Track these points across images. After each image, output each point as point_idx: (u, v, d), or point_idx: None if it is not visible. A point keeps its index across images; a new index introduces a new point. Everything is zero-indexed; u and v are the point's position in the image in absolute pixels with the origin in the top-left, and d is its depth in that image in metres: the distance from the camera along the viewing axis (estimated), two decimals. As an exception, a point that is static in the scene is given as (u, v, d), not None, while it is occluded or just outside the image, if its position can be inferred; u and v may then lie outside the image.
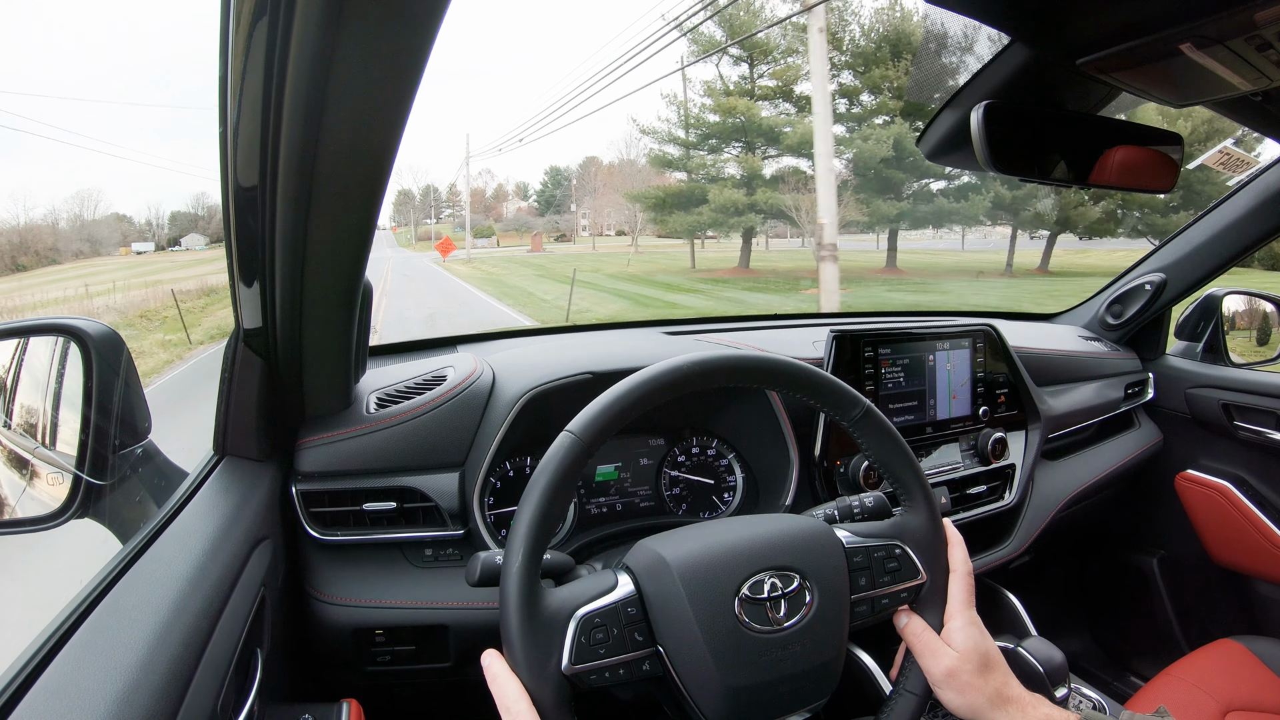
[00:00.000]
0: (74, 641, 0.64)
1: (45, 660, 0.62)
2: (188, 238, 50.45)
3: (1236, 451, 1.88)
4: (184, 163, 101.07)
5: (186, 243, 49.73)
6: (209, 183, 71.59)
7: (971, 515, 1.49)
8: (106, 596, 0.71)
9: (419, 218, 68.78)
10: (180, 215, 57.39)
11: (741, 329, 1.80)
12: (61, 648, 0.63)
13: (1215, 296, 1.97)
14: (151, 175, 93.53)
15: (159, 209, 66.69)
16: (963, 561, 0.85)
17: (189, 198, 73.10)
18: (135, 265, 42.90)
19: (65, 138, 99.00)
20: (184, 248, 49.15)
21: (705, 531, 0.80)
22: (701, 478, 1.37)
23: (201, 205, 57.32)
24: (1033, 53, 0.96)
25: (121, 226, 53.19)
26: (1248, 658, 1.44)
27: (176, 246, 49.07)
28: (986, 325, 1.59)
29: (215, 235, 48.17)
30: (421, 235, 64.82)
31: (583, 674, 0.69)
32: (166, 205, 79.28)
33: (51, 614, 0.69)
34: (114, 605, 0.70)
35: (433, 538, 1.11)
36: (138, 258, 48.13)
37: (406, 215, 70.05)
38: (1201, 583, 1.99)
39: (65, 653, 0.63)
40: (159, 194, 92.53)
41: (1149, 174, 1.09)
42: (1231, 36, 0.82)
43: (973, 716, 0.78)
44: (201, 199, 63.08)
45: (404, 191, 68.27)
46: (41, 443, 1.04)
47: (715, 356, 0.80)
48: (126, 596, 0.72)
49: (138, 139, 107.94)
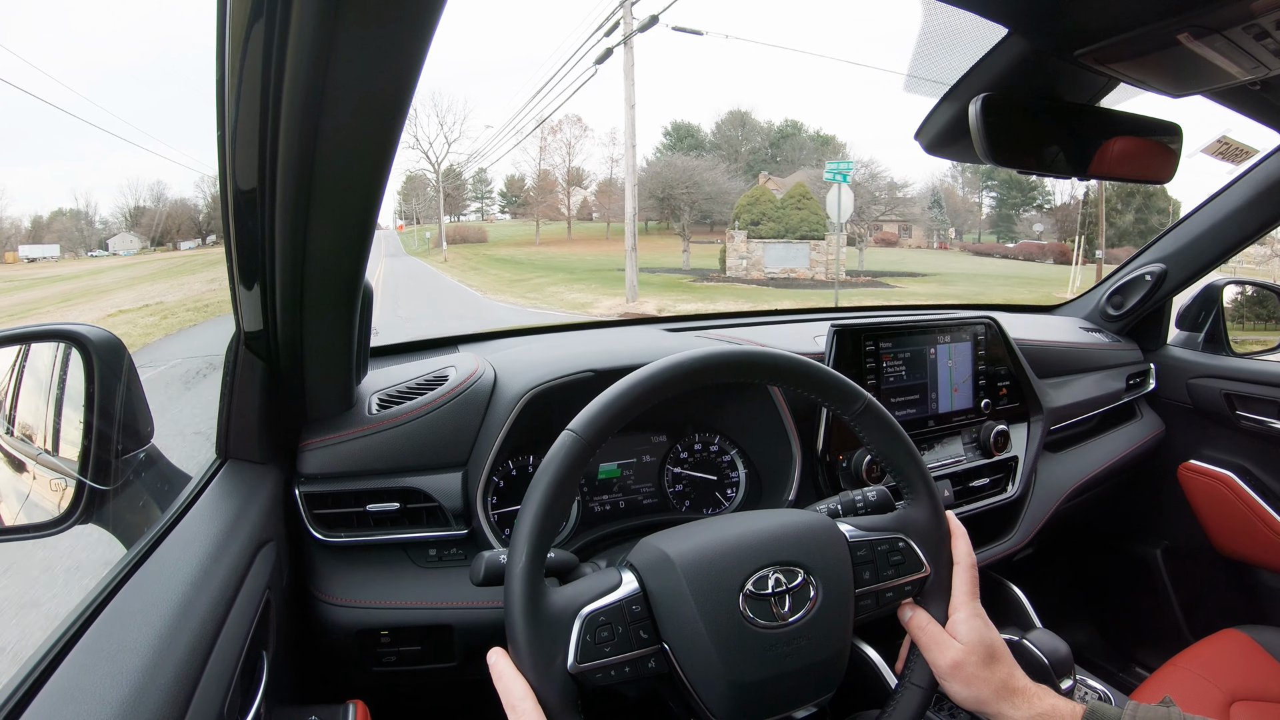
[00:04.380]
0: (80, 646, 0.65)
1: (52, 665, 0.62)
2: (116, 239, 37.68)
3: (1239, 441, 1.87)
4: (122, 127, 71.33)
5: (115, 245, 37.03)
6: (162, 162, 53.24)
7: (974, 508, 1.49)
8: (111, 601, 0.71)
9: (434, 208, 47.68)
10: (144, 211, 40.24)
11: (742, 324, 1.80)
12: (67, 653, 0.63)
13: (1216, 286, 1.97)
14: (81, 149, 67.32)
15: (90, 199, 49.06)
16: (966, 554, 0.85)
17: (129, 183, 54.60)
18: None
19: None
20: (110, 251, 36.36)
21: (708, 528, 0.80)
22: (704, 474, 1.37)
23: (140, 192, 40.78)
24: (1030, 44, 0.96)
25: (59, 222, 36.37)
26: (1252, 647, 1.44)
27: (98, 251, 36.45)
28: (987, 318, 1.59)
29: (156, 233, 37.43)
30: (453, 234, 43.39)
31: (588, 672, 0.69)
32: (100, 196, 58.83)
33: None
34: (119, 610, 0.70)
35: (436, 538, 1.11)
36: (27, 268, 32.67)
37: (419, 206, 49.79)
38: (1205, 573, 1.99)
39: (71, 658, 0.63)
40: (93, 178, 68.94)
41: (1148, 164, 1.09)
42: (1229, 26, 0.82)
43: (978, 708, 0.78)
44: (137, 184, 46.08)
45: (412, 177, 48.64)
46: (44, 449, 1.04)
47: (716, 352, 0.80)
48: (131, 601, 0.72)
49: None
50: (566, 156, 45.06)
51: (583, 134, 45.72)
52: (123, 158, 61.61)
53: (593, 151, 70.48)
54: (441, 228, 43.63)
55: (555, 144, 44.29)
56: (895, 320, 1.49)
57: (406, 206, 50.82)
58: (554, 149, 44.92)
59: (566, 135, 44.05)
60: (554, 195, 45.28)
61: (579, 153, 49.42)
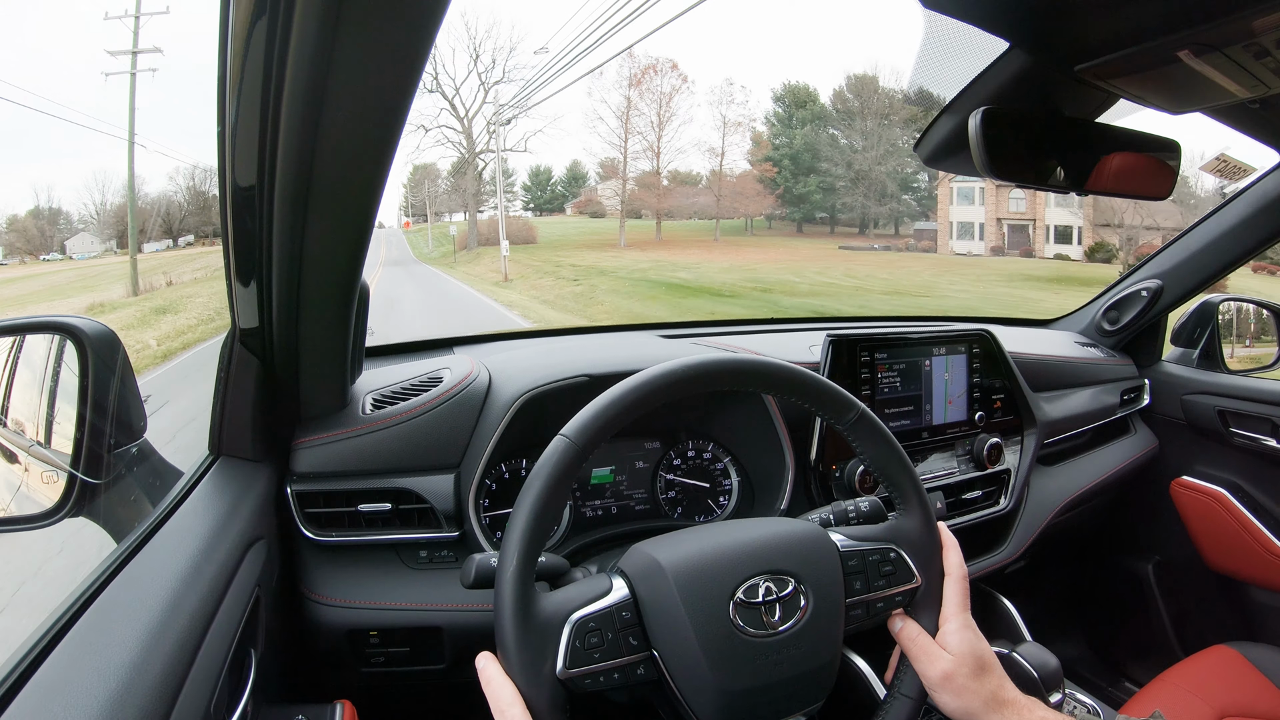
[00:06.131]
0: (67, 640, 0.64)
1: (39, 659, 0.61)
2: (74, 239, 31.97)
3: (1232, 458, 1.88)
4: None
5: (72, 247, 31.41)
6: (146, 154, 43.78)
7: (967, 520, 1.49)
8: (100, 595, 0.71)
9: (448, 201, 35.01)
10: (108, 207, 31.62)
11: (738, 333, 1.80)
12: (55, 646, 0.63)
13: (1211, 303, 1.97)
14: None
15: (50, 194, 38.72)
16: (958, 565, 0.85)
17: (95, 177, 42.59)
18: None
19: None
20: (65, 255, 30.88)
21: (700, 535, 0.80)
22: (697, 481, 1.37)
23: (108, 187, 32.90)
24: (1031, 58, 0.96)
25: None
26: (1242, 664, 1.44)
27: (54, 255, 31.05)
28: (983, 330, 1.59)
29: (122, 233, 29.71)
30: (488, 234, 30.04)
31: (577, 678, 0.69)
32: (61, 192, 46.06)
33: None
34: (108, 604, 0.70)
35: (428, 539, 1.11)
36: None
37: (435, 195, 36.40)
38: (1197, 589, 2.00)
39: (58, 652, 0.63)
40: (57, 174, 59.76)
41: (1146, 180, 1.09)
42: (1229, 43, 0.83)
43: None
44: (103, 178, 35.55)
45: (420, 168, 36.74)
46: (37, 440, 1.03)
47: (711, 360, 0.80)
48: (120, 595, 0.72)
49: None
50: (658, 118, 30.31)
51: (680, 86, 30.92)
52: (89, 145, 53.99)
53: (691, 114, 48.35)
54: (501, 220, 27.38)
55: (645, 99, 30.52)
56: (891, 331, 1.49)
57: (417, 196, 38.37)
58: (642, 109, 30.49)
59: (661, 86, 30.45)
60: (614, 185, 31.23)
61: (680, 114, 34.16)
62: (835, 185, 30.74)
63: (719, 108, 33.68)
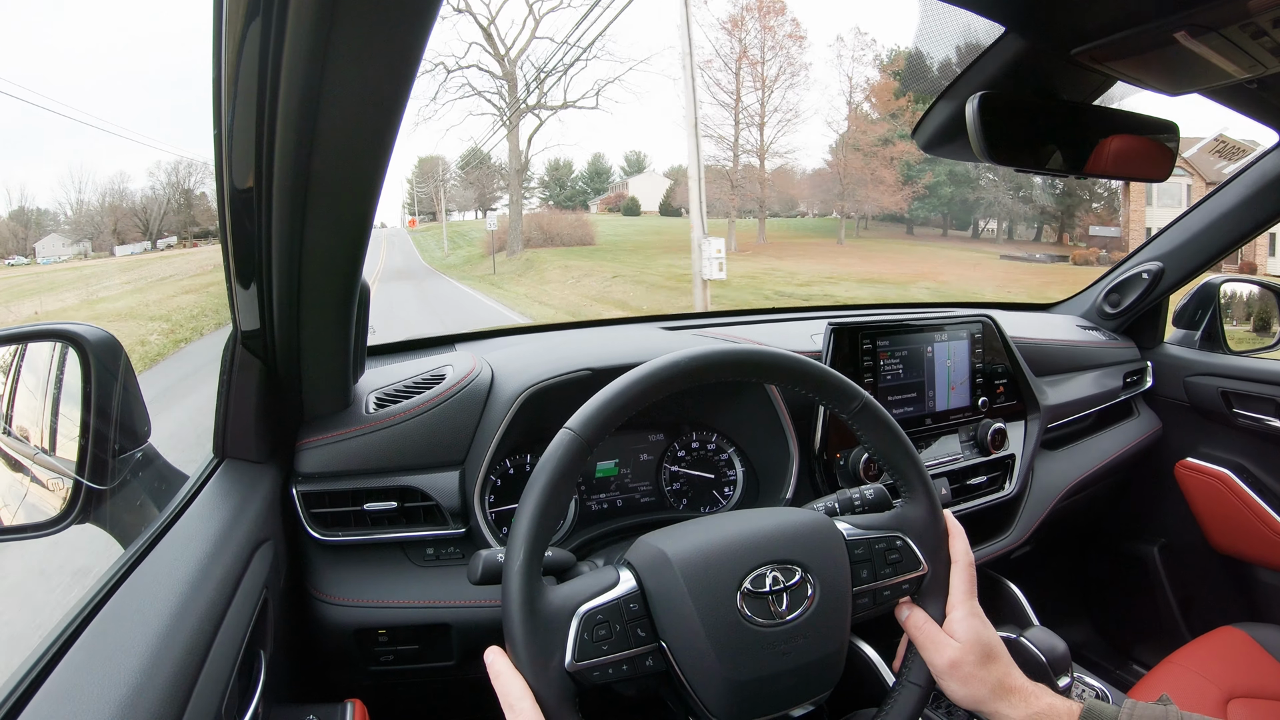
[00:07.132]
0: (77, 647, 0.65)
1: (49, 666, 0.62)
2: (44, 241, 30.09)
3: (1236, 439, 1.88)
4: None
5: (43, 249, 29.55)
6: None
7: (972, 506, 1.49)
8: (109, 601, 0.71)
9: (459, 197, 29.17)
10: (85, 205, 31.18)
11: (739, 323, 1.80)
12: (65, 653, 0.63)
13: (1212, 284, 1.97)
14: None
15: (25, 193, 40.13)
16: (964, 552, 0.85)
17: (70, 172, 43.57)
18: None
19: None
20: (27, 259, 29.32)
21: (706, 526, 0.80)
22: (701, 472, 1.37)
23: (86, 184, 31.88)
24: (1027, 43, 0.96)
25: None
26: (1249, 645, 1.44)
27: (16, 259, 29.43)
28: (985, 316, 1.59)
29: (94, 233, 30.22)
30: (536, 235, 23.87)
31: (586, 671, 0.69)
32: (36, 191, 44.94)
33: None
34: (116, 610, 0.70)
35: (434, 536, 1.11)
36: None
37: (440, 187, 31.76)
38: (1202, 570, 2.00)
39: (69, 658, 0.63)
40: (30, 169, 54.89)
41: (1145, 163, 1.09)
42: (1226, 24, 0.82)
43: (976, 707, 0.78)
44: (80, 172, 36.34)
45: (425, 160, 32.85)
46: (41, 448, 1.04)
47: (713, 351, 0.80)
48: (129, 601, 0.72)
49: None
50: (760, 72, 21.67)
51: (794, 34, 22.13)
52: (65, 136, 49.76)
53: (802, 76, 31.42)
54: (699, 194, 10.41)
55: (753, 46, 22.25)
56: (892, 318, 1.49)
57: (422, 190, 34.11)
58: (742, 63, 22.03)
59: (774, 32, 21.68)
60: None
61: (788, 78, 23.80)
62: (973, 177, 23.72)
63: (843, 65, 25.39)
